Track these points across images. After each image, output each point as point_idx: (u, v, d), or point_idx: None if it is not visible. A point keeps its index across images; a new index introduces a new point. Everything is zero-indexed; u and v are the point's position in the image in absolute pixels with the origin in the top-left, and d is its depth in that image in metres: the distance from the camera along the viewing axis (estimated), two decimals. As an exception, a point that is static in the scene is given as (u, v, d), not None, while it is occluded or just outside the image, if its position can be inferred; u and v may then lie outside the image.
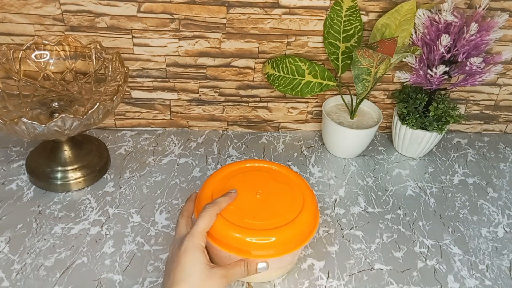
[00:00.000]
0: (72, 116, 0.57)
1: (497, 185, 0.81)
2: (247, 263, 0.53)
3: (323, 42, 0.78)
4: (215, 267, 0.51)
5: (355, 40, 0.76)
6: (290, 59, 0.77)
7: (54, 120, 0.57)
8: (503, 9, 0.77)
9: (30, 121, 0.55)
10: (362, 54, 0.69)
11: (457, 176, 0.83)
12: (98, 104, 0.59)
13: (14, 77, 0.70)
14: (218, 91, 0.83)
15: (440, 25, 0.71)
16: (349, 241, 0.68)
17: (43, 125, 0.56)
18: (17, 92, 0.70)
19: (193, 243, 0.50)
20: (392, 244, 0.68)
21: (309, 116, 0.88)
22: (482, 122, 0.94)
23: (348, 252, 0.66)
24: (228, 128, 0.88)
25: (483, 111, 0.92)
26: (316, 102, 0.86)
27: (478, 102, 0.90)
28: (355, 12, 0.74)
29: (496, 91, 0.89)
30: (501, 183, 0.82)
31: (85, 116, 0.59)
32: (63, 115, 0.57)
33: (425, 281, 0.63)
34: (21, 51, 0.71)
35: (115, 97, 0.62)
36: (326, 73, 0.78)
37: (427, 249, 0.68)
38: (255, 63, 0.80)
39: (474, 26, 0.67)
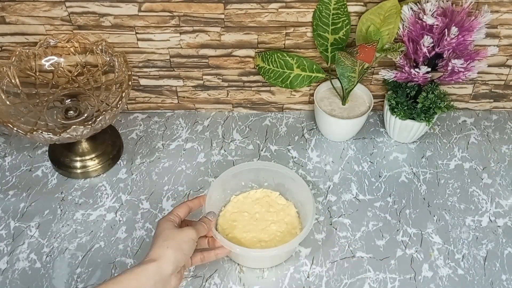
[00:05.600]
0: (82, 126, 0.69)
1: (493, 170, 0.88)
2: (208, 223, 0.69)
3: (312, 33, 0.83)
4: (182, 227, 0.67)
5: (343, 33, 0.81)
6: (278, 54, 0.84)
7: (67, 130, 0.68)
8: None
9: (46, 133, 0.67)
10: (345, 55, 0.75)
11: (455, 160, 0.90)
12: (104, 113, 0.70)
13: (31, 75, 0.82)
14: (221, 77, 0.91)
15: (424, 23, 0.75)
16: (336, 229, 0.79)
17: (57, 136, 0.68)
18: (35, 92, 0.82)
19: (163, 217, 0.68)
20: (376, 232, 0.79)
21: (312, 97, 0.95)
22: (491, 100, 0.98)
23: (333, 240, 0.78)
24: (233, 110, 0.97)
25: (492, 90, 0.96)
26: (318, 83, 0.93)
27: (487, 82, 0.94)
28: (343, 6, 0.78)
29: (506, 71, 0.93)
30: (498, 168, 0.89)
31: (93, 125, 0.70)
32: (74, 126, 0.68)
33: (401, 269, 0.74)
34: (36, 50, 0.81)
35: (120, 102, 0.73)
36: (314, 66, 0.85)
37: (408, 237, 0.78)
38: (256, 52, 0.87)
39: (454, 30, 0.71)
